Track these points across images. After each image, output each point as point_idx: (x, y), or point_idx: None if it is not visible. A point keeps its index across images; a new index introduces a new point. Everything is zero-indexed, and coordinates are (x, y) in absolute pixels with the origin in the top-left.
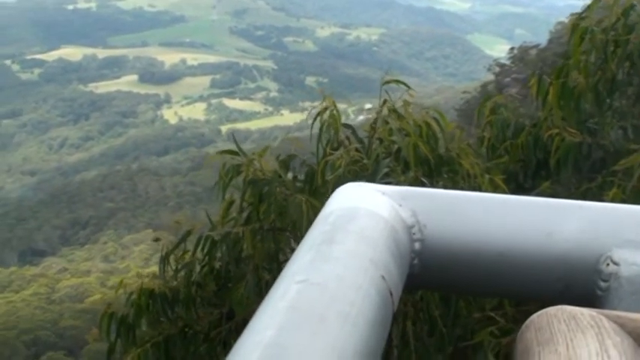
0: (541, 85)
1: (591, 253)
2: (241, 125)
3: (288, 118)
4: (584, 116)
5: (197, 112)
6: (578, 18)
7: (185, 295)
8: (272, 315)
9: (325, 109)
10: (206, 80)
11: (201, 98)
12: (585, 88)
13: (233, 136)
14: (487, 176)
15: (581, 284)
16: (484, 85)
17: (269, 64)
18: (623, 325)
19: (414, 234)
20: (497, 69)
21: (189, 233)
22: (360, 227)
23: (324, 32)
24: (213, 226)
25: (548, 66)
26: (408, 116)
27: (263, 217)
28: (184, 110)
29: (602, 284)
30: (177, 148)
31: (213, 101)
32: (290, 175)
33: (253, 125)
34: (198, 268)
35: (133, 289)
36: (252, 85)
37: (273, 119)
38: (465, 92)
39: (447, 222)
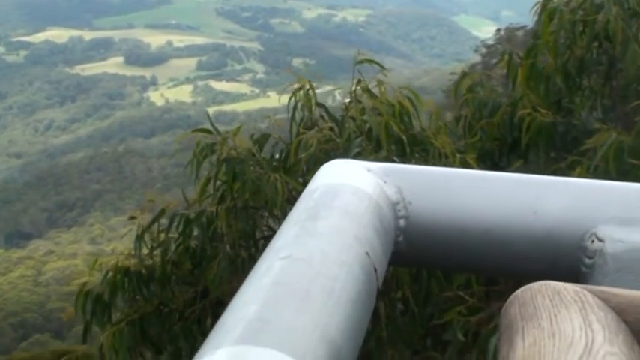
0: (511, 66)
1: (576, 230)
2: (228, 107)
3: (274, 99)
4: (555, 96)
5: (183, 94)
6: None
7: (160, 273)
8: (256, 290)
9: (299, 88)
10: (192, 62)
11: (187, 80)
12: (554, 68)
13: (208, 114)
14: (458, 156)
15: (566, 261)
16: (471, 67)
17: (255, 46)
18: (606, 300)
19: (399, 211)
20: (483, 50)
21: (163, 212)
22: (345, 204)
23: (311, 14)
24: (188, 205)
25: None
26: (382, 96)
27: (237, 195)
28: (171, 92)
29: (587, 261)
30: (163, 130)
31: (200, 83)
32: (267, 154)
33: (240, 107)
34: (173, 246)
35: (108, 268)
36: (238, 67)
37: (260, 101)
38: (452, 73)
39: (433, 199)
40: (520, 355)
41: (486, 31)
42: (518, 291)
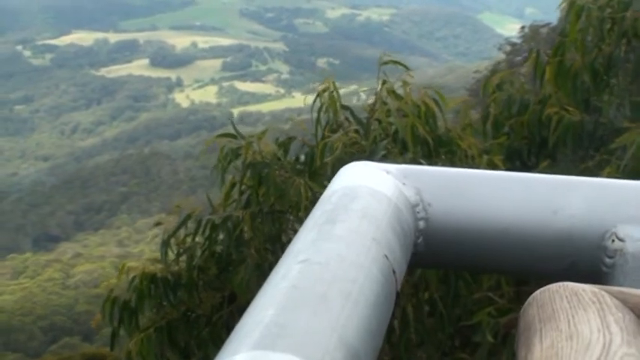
0: (538, 64)
1: (596, 230)
2: (253, 108)
3: (299, 100)
4: (583, 94)
5: (208, 95)
6: None
7: (187, 279)
8: (273, 294)
9: (324, 90)
10: (217, 63)
11: (212, 81)
12: (582, 66)
13: (231, 118)
14: (485, 157)
15: (586, 261)
16: (496, 64)
17: (280, 46)
18: (625, 301)
19: (418, 212)
20: (508, 48)
21: (188, 217)
22: (363, 206)
23: (335, 13)
24: (214, 210)
25: None
26: (407, 97)
27: (263, 199)
28: (196, 93)
29: (608, 260)
30: (189, 132)
31: (225, 84)
32: (292, 158)
33: (265, 108)
34: (199, 252)
35: (135, 274)
36: (263, 68)
37: (285, 101)
38: (476, 71)
39: (452, 200)
40: (538, 358)
41: (510, 29)
42: (537, 292)
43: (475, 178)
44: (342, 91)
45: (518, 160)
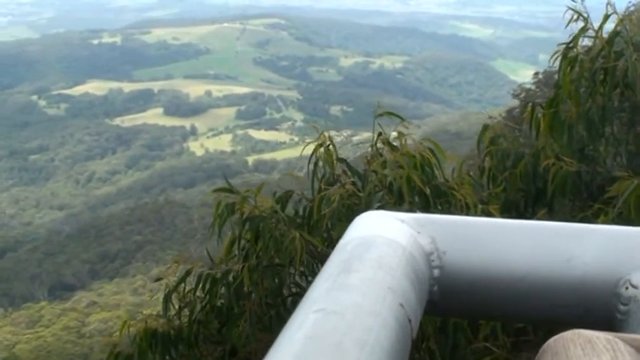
0: (534, 116)
1: (610, 277)
2: (267, 156)
3: (313, 147)
4: (578, 144)
5: (223, 143)
6: (567, 47)
7: (188, 333)
8: (289, 345)
9: (320, 145)
10: (231, 111)
11: (226, 129)
12: (577, 116)
13: (224, 176)
14: (480, 206)
15: (600, 308)
16: (509, 111)
17: (294, 94)
18: (639, 348)
19: (432, 261)
20: (522, 94)
21: (188, 273)
22: (378, 255)
23: (348, 61)
24: (214, 264)
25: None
26: (403, 148)
27: (261, 253)
28: (210, 142)
29: (622, 308)
30: (203, 180)
31: (239, 132)
32: (291, 211)
33: (279, 155)
34: (199, 306)
35: (137, 329)
36: (277, 116)
37: (299, 149)
38: (490, 118)
39: (466, 248)
40: None
41: (524, 75)
42: (551, 340)
43: (489, 227)
44: (355, 139)
45: (515, 212)
